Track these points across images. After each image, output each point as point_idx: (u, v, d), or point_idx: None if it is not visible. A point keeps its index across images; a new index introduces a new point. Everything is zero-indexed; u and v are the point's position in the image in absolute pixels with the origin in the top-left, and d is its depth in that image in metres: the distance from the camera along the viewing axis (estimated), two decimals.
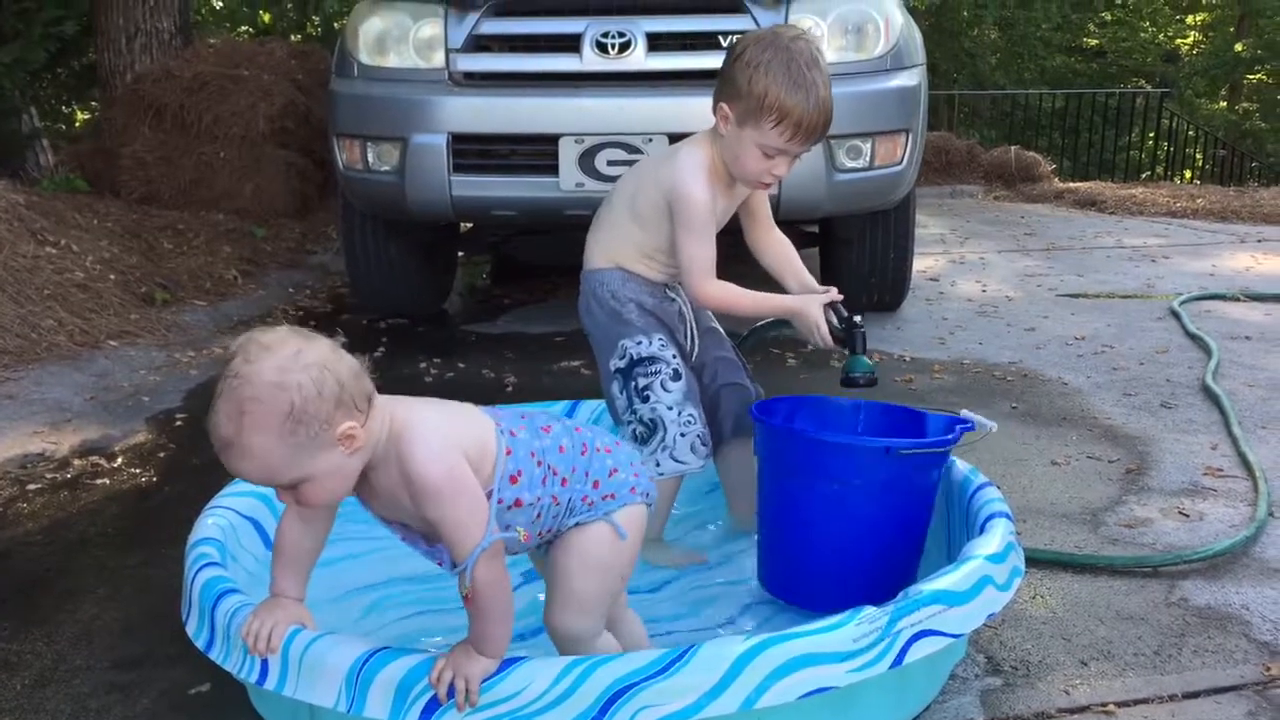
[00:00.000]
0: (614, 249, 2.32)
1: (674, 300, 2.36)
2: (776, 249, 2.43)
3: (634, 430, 2.31)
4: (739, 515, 2.49)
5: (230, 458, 1.45)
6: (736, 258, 2.54)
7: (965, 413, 2.14)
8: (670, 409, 2.27)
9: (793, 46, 2.09)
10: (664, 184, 2.22)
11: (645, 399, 2.28)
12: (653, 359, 2.29)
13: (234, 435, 1.42)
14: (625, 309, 2.30)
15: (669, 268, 2.32)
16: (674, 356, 2.30)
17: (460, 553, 1.52)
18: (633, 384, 2.29)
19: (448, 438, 1.55)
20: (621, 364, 2.31)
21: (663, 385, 2.28)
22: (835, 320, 2.26)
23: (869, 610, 1.63)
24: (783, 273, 2.42)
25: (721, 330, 2.50)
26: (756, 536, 2.25)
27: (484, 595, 1.52)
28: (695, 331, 2.40)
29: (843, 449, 2.04)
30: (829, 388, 2.59)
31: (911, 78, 4.34)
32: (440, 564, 1.61)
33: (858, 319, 2.24)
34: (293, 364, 1.42)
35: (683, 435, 2.28)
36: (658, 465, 2.27)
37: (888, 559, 2.09)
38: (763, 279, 2.42)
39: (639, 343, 2.29)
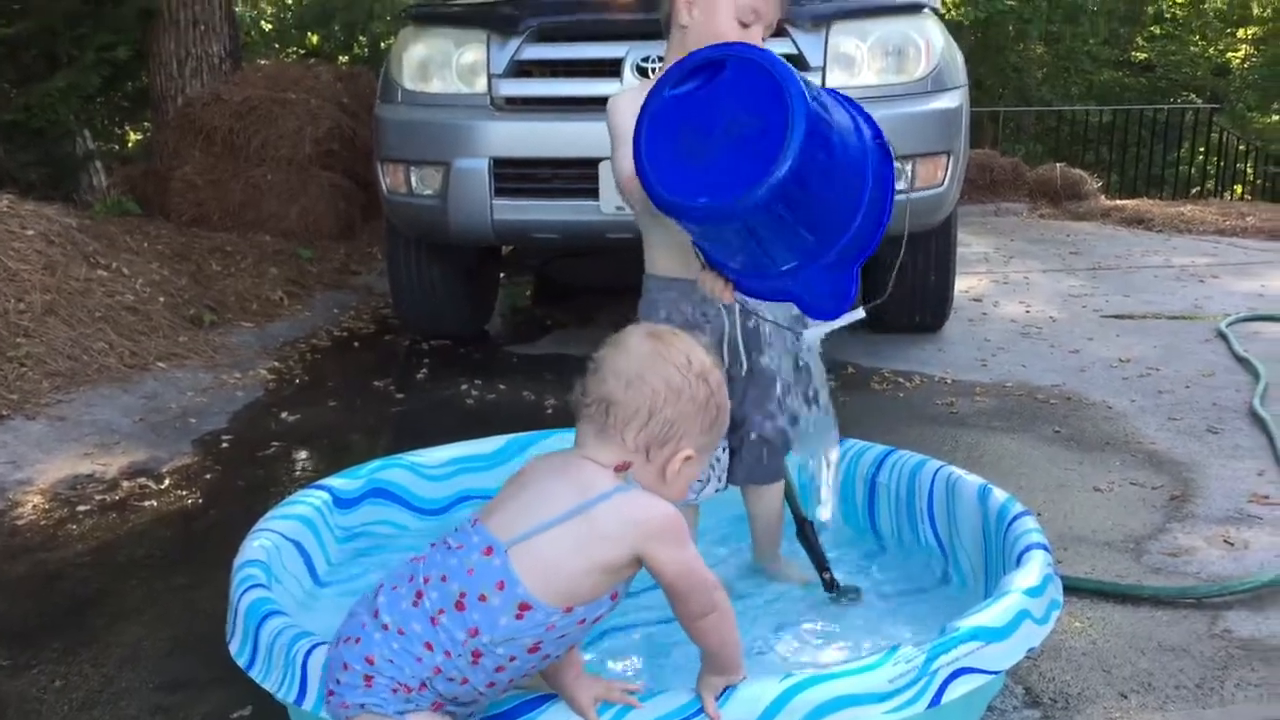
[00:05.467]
0: (647, 254, 2.26)
1: (710, 319, 2.18)
2: None
3: None
4: (759, 557, 2.44)
5: None
6: None
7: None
8: None
9: None
10: None
11: None
12: None
13: None
14: (655, 315, 2.19)
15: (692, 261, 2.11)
16: None
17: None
18: None
19: None
20: None
21: None
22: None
23: (905, 649, 1.62)
24: None
25: (772, 379, 2.29)
26: None
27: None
28: (743, 357, 2.23)
29: None
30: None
31: (953, 99, 4.33)
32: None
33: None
34: None
35: None
36: None
37: None
38: None
39: None
